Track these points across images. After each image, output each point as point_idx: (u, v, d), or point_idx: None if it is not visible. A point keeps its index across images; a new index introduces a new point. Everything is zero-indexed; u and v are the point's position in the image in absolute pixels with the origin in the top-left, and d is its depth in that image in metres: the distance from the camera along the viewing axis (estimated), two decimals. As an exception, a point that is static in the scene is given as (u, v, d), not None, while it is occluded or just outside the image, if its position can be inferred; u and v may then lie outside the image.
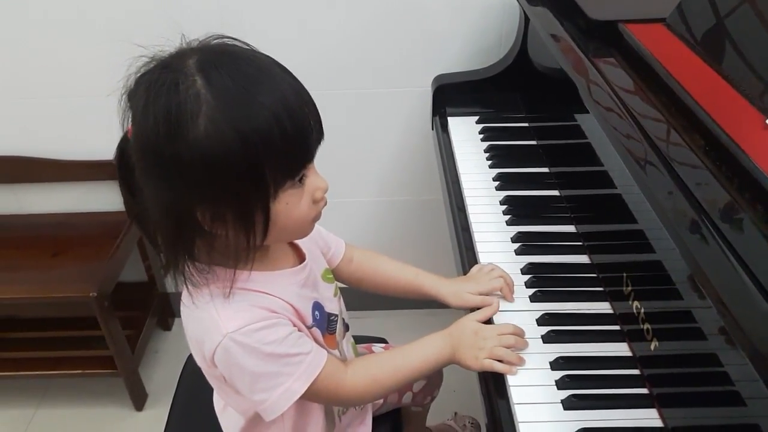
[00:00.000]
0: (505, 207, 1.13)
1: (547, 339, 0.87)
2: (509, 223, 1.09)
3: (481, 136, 1.34)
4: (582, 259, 1.01)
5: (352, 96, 1.58)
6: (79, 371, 1.65)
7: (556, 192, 1.17)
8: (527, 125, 1.36)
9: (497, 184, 1.19)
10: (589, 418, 0.76)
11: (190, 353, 0.83)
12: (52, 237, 1.69)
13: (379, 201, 1.77)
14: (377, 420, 1.06)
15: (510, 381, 0.81)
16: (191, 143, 0.64)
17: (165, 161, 0.66)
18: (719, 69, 0.84)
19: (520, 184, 1.19)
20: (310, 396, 0.80)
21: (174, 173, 0.66)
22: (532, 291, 0.95)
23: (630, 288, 0.85)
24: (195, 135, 0.64)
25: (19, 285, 1.55)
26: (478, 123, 1.38)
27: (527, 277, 0.97)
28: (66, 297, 1.51)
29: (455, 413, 1.51)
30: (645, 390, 0.79)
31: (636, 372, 0.82)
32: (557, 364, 0.83)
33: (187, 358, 1.18)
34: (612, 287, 0.92)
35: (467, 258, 1.05)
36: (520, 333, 0.86)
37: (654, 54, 0.90)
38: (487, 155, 1.28)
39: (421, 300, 1.01)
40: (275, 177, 0.68)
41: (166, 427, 1.11)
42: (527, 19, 1.32)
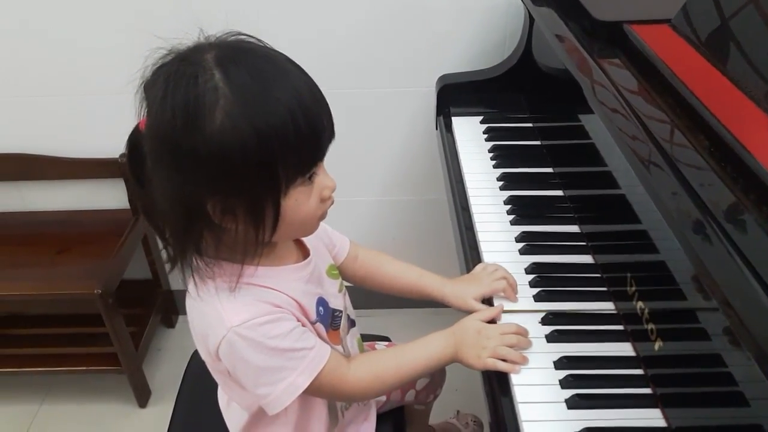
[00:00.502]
0: (509, 207, 1.13)
1: (551, 338, 0.87)
2: (513, 223, 1.09)
3: (485, 136, 1.34)
4: (586, 259, 1.01)
5: (356, 95, 1.59)
6: (83, 368, 1.66)
7: (560, 192, 1.17)
8: (531, 125, 1.36)
9: (501, 183, 1.19)
10: (593, 417, 0.76)
11: (194, 350, 0.84)
12: (56, 234, 1.69)
13: (383, 200, 1.77)
14: (380, 418, 1.07)
15: (513, 380, 0.81)
16: (207, 136, 0.65)
17: (180, 153, 0.66)
18: (724, 70, 0.84)
19: (524, 183, 1.19)
20: (313, 391, 0.80)
21: (188, 165, 0.67)
22: (536, 290, 0.95)
23: (634, 288, 0.85)
24: (211, 128, 0.65)
25: (24, 282, 1.55)
26: (482, 123, 1.38)
27: (531, 277, 0.97)
28: (70, 294, 1.52)
29: (458, 411, 1.51)
30: (649, 390, 0.80)
31: (640, 372, 0.82)
32: (561, 363, 0.83)
33: (191, 355, 1.18)
34: (616, 287, 0.92)
35: (471, 257, 1.05)
36: (523, 332, 0.86)
37: (659, 55, 0.90)
38: (491, 155, 1.28)
39: (425, 300, 1.01)
40: (287, 173, 0.69)
41: (170, 424, 1.12)
42: (532, 20, 1.33)
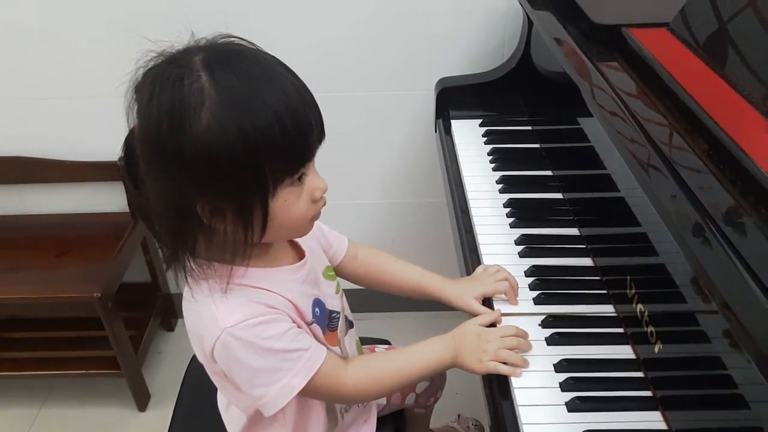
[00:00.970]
0: (509, 209, 1.13)
1: (551, 341, 0.87)
2: (513, 226, 1.09)
3: (485, 138, 1.34)
4: (586, 262, 1.01)
5: (355, 98, 1.59)
6: (83, 371, 1.66)
7: (559, 195, 1.17)
8: (530, 128, 1.37)
9: (501, 186, 1.19)
10: (593, 420, 0.76)
11: (193, 354, 0.84)
12: (56, 237, 1.69)
13: (383, 203, 1.78)
14: (381, 421, 1.07)
15: (514, 383, 0.82)
16: (193, 137, 0.65)
17: (167, 154, 0.67)
18: (722, 73, 0.84)
19: (523, 186, 1.19)
20: (309, 392, 0.80)
21: (175, 166, 0.67)
22: (535, 293, 0.95)
23: (634, 291, 0.85)
24: (197, 129, 0.65)
25: (23, 285, 1.55)
26: (481, 126, 1.38)
27: (531, 280, 0.97)
28: (70, 297, 1.52)
29: (459, 415, 1.51)
30: (649, 393, 0.80)
31: (640, 374, 0.82)
32: (561, 366, 0.83)
33: (191, 358, 1.18)
34: (616, 290, 0.92)
35: (471, 260, 1.05)
36: (522, 335, 0.86)
37: (657, 58, 0.90)
38: (491, 158, 1.28)
39: (425, 300, 1.01)
40: (274, 174, 0.69)
41: (169, 428, 1.12)
42: (530, 23, 1.33)
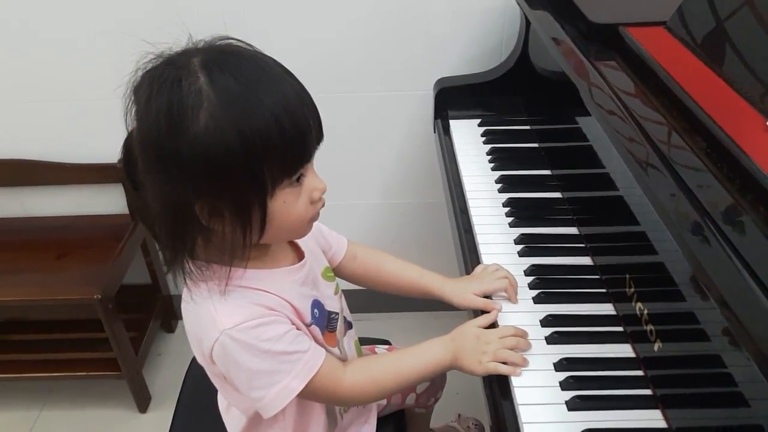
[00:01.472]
0: (508, 209, 1.13)
1: (551, 340, 0.87)
2: (512, 225, 1.09)
3: (483, 138, 1.35)
4: (585, 261, 1.01)
5: (354, 99, 1.59)
6: (83, 373, 1.66)
7: (558, 194, 1.17)
8: (529, 128, 1.37)
9: (500, 186, 1.20)
10: (593, 419, 0.76)
11: (194, 356, 0.84)
12: (56, 240, 1.69)
13: (382, 204, 1.78)
14: (381, 421, 1.07)
15: (514, 382, 0.82)
16: (191, 138, 0.66)
17: (165, 155, 0.67)
18: (720, 71, 0.85)
19: (522, 186, 1.19)
20: (308, 394, 0.80)
21: (174, 167, 0.67)
22: (535, 293, 0.95)
23: (633, 289, 0.86)
24: (195, 130, 0.65)
25: (24, 287, 1.55)
26: (480, 126, 1.39)
27: (530, 279, 0.97)
28: (70, 299, 1.52)
29: (459, 415, 1.51)
30: (649, 391, 0.80)
31: (640, 373, 0.82)
32: (561, 365, 0.83)
33: (191, 360, 1.18)
34: (615, 289, 0.93)
35: (470, 260, 1.05)
36: (521, 334, 0.86)
37: (655, 57, 0.90)
38: (490, 158, 1.28)
39: (425, 299, 1.01)
40: (273, 175, 0.70)
41: (170, 430, 1.12)
42: (528, 23, 1.33)
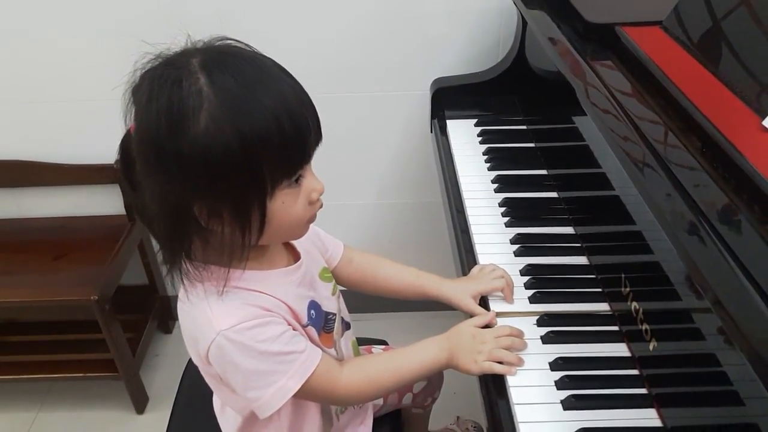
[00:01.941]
0: (504, 209, 1.13)
1: (547, 340, 0.87)
2: (508, 225, 1.10)
3: (480, 138, 1.35)
4: (581, 261, 1.02)
5: (351, 100, 1.59)
6: (81, 374, 1.66)
7: (554, 194, 1.17)
8: (525, 128, 1.37)
9: (496, 186, 1.20)
10: (589, 418, 0.77)
11: (191, 357, 0.84)
12: (52, 241, 1.69)
13: (379, 204, 1.78)
14: (377, 421, 1.07)
15: (510, 382, 0.82)
16: (191, 139, 0.66)
17: (165, 155, 0.67)
18: (715, 71, 0.85)
19: (518, 186, 1.19)
20: (304, 394, 0.80)
21: (173, 167, 0.67)
22: (531, 292, 0.95)
23: (628, 289, 0.86)
24: (195, 131, 0.65)
25: (21, 289, 1.55)
26: (476, 126, 1.39)
27: (526, 279, 0.98)
28: (67, 300, 1.51)
29: (458, 417, 1.51)
30: (644, 390, 0.80)
31: (635, 372, 0.82)
32: (557, 364, 0.83)
33: (188, 361, 1.18)
34: (610, 288, 0.93)
35: (467, 260, 1.05)
36: (517, 334, 0.87)
37: (651, 57, 0.90)
38: (486, 158, 1.28)
39: (422, 300, 1.01)
40: (272, 176, 0.70)
41: (167, 430, 1.12)
42: (525, 23, 1.33)
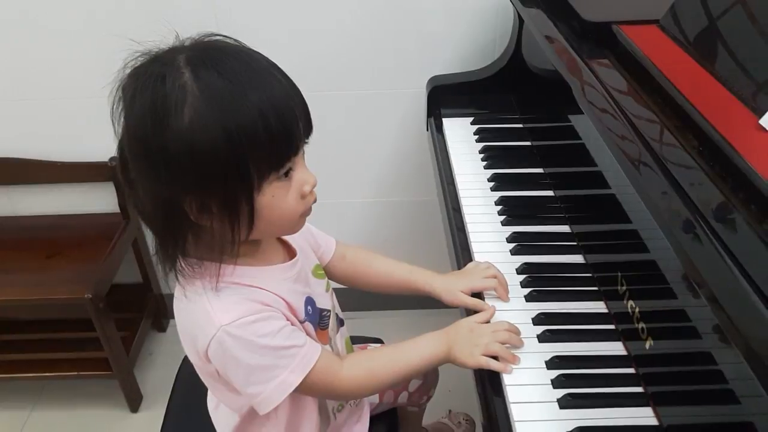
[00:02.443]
0: (500, 207, 1.13)
1: (543, 338, 0.87)
2: (504, 224, 1.09)
3: (476, 137, 1.35)
4: (577, 259, 1.01)
5: (347, 97, 1.59)
6: (74, 373, 1.65)
7: (550, 192, 1.17)
8: (522, 126, 1.37)
9: (492, 184, 1.20)
10: (585, 416, 0.77)
11: (185, 355, 0.84)
12: (46, 239, 1.68)
13: (375, 202, 1.77)
14: (373, 420, 1.07)
15: (506, 380, 0.82)
16: (176, 134, 0.66)
17: (152, 151, 0.67)
18: (712, 70, 0.85)
19: (514, 184, 1.19)
20: (305, 389, 0.80)
21: (161, 163, 0.67)
22: (527, 291, 0.95)
23: (625, 287, 0.86)
24: (180, 126, 0.66)
25: (14, 287, 1.54)
26: (473, 124, 1.39)
27: (522, 277, 0.98)
28: (61, 299, 1.51)
29: (449, 411, 1.51)
30: (640, 388, 0.80)
31: (631, 371, 0.82)
32: (553, 363, 0.83)
33: (183, 359, 1.18)
34: (607, 287, 0.93)
35: (463, 258, 1.05)
36: (514, 330, 0.87)
37: (648, 55, 0.90)
38: (482, 156, 1.28)
39: (417, 297, 1.01)
40: (259, 169, 0.70)
41: (161, 429, 1.11)
42: (521, 21, 1.33)
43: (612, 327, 0.89)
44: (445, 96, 1.43)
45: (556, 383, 0.81)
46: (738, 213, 0.63)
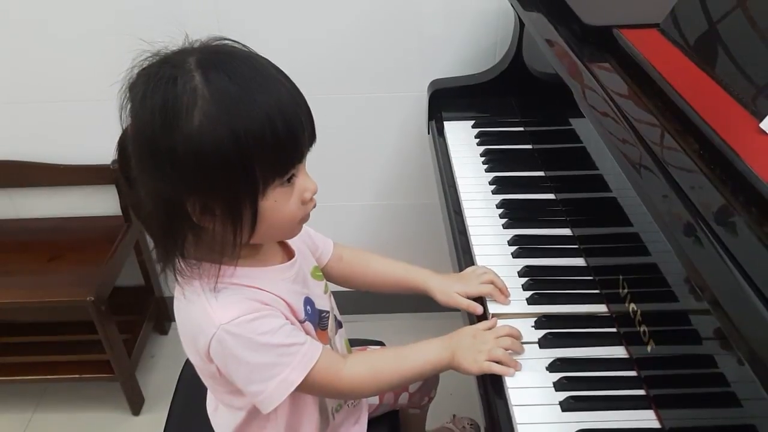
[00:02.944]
0: (502, 210, 1.13)
1: (545, 341, 0.87)
2: (506, 227, 1.10)
3: (477, 140, 1.35)
4: (578, 262, 1.02)
5: (348, 101, 1.59)
6: (76, 375, 1.65)
7: (552, 195, 1.17)
8: (523, 129, 1.37)
9: (493, 187, 1.20)
10: (587, 419, 0.77)
11: (187, 358, 0.84)
12: (48, 241, 1.69)
13: (376, 205, 1.78)
14: (375, 422, 1.07)
15: (508, 383, 0.82)
16: (185, 136, 0.66)
17: (159, 152, 0.68)
18: (712, 73, 0.85)
19: (516, 187, 1.19)
20: (307, 387, 0.80)
21: (167, 164, 0.68)
22: (529, 294, 0.95)
23: (626, 290, 0.86)
24: (189, 128, 0.66)
25: (16, 289, 1.55)
26: (474, 127, 1.39)
27: (524, 280, 0.98)
28: (63, 301, 1.51)
29: (454, 416, 1.51)
30: (642, 391, 0.80)
31: (633, 374, 0.82)
32: (555, 366, 0.83)
33: (185, 362, 1.18)
34: (608, 290, 0.93)
35: (464, 261, 1.05)
36: (516, 335, 0.87)
37: (648, 59, 0.91)
38: (483, 159, 1.28)
39: (418, 299, 1.01)
40: (264, 174, 0.70)
41: (164, 432, 1.12)
42: (522, 25, 1.33)
43: (614, 330, 0.89)
44: (447, 99, 1.43)
45: (558, 386, 0.81)
46: (739, 216, 0.64)
